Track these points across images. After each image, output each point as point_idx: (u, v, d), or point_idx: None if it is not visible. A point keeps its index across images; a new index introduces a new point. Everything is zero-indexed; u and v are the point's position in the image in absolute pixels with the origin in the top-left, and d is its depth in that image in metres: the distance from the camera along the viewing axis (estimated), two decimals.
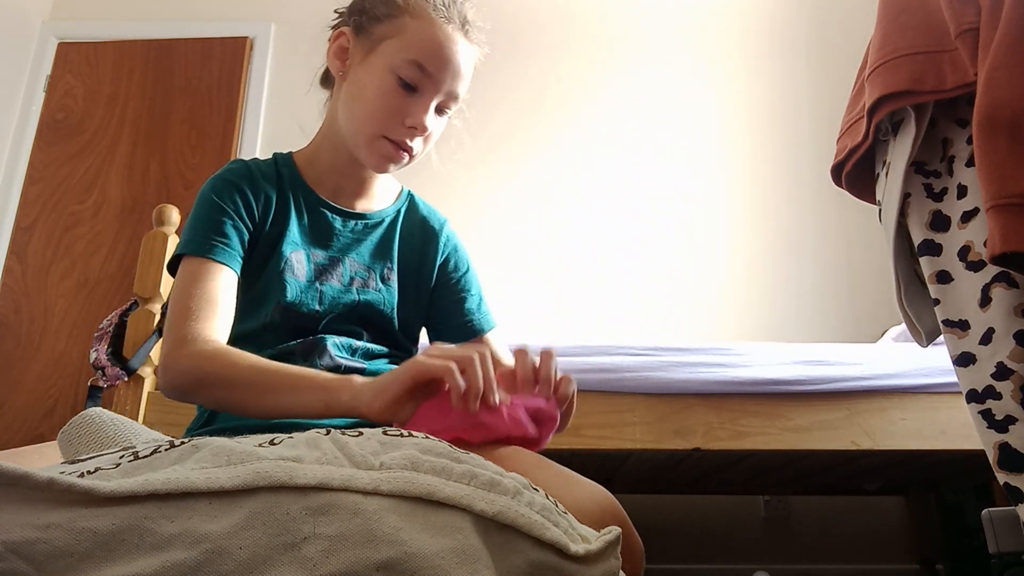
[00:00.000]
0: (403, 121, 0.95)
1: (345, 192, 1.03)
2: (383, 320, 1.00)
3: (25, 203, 2.95)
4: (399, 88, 0.94)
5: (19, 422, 2.66)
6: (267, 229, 0.97)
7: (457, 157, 1.16)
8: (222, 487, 0.37)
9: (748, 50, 3.18)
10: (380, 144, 0.96)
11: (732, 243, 2.93)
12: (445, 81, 0.95)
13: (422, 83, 0.94)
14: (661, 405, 1.68)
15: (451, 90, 0.97)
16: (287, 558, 0.35)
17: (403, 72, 0.94)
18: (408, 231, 1.08)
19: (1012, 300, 0.87)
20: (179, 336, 0.85)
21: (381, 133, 0.95)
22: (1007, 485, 0.88)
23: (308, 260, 0.97)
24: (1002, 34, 0.84)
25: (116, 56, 3.15)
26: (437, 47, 0.94)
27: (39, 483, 0.36)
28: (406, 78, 0.94)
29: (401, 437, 0.48)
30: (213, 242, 0.91)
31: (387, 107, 0.95)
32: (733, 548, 2.53)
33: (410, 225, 1.08)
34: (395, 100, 0.94)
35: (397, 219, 1.07)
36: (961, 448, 1.65)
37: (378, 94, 0.95)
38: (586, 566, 0.41)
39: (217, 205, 0.94)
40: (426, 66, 0.94)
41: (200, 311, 0.86)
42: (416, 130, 0.96)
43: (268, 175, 1.00)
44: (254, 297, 0.96)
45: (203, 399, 0.88)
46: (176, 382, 0.84)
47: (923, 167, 0.99)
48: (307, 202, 1.01)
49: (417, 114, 0.95)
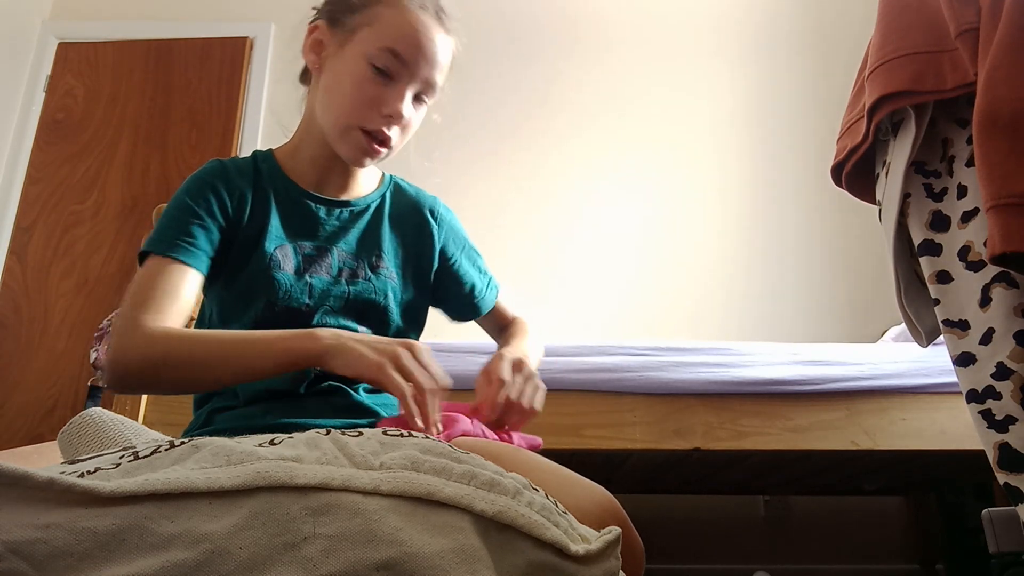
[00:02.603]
0: (379, 110, 0.93)
1: (328, 184, 1.02)
2: (377, 310, 0.99)
3: (25, 203, 2.95)
4: (375, 76, 0.93)
5: (19, 422, 2.66)
6: (245, 226, 0.97)
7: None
8: (222, 487, 0.37)
9: (749, 50, 3.18)
10: (355, 136, 0.95)
11: (732, 243, 2.93)
12: (421, 68, 0.94)
13: (397, 71, 0.93)
14: (661, 405, 1.68)
15: (428, 78, 0.95)
16: (287, 558, 0.35)
17: (378, 60, 0.92)
18: (398, 215, 1.06)
19: (1012, 300, 0.87)
20: (130, 324, 0.84)
21: (358, 124, 0.94)
22: (1007, 485, 0.88)
23: (295, 253, 0.97)
24: (1002, 34, 0.84)
25: (116, 56, 3.15)
26: (412, 34, 0.93)
27: (39, 483, 0.36)
28: (381, 66, 0.93)
29: (401, 437, 0.48)
30: (177, 242, 0.91)
31: (363, 96, 0.93)
32: (733, 548, 2.53)
33: (399, 209, 1.07)
34: (371, 89, 0.93)
35: (383, 204, 1.05)
36: (961, 448, 1.66)
37: (353, 83, 0.94)
38: (586, 566, 0.41)
39: (187, 205, 0.94)
40: (401, 53, 0.92)
41: (154, 302, 0.86)
42: (393, 118, 0.94)
43: (244, 172, 1.00)
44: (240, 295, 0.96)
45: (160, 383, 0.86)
46: (131, 368, 0.82)
47: (923, 167, 0.99)
48: (289, 195, 1.00)
49: (393, 102, 0.93)
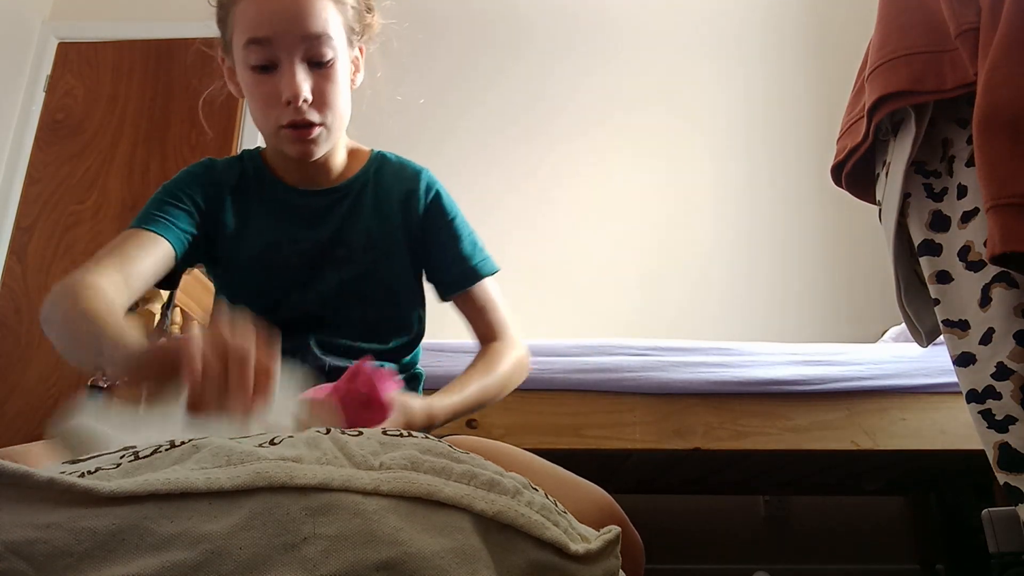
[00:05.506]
0: (279, 102, 0.89)
1: (309, 175, 1.01)
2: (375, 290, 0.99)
3: (25, 203, 2.95)
4: (258, 75, 0.90)
5: (19, 422, 2.66)
6: (228, 224, 0.98)
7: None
8: (222, 488, 0.37)
9: (749, 49, 3.18)
10: (283, 136, 0.92)
11: (732, 243, 2.92)
12: (287, 35, 0.88)
13: (270, 55, 0.88)
14: (661, 405, 1.68)
15: (304, 34, 0.88)
16: (287, 558, 0.35)
17: (251, 59, 0.89)
18: (383, 191, 1.03)
19: (1012, 300, 0.87)
20: (66, 278, 0.82)
21: (276, 125, 0.92)
22: (1007, 485, 0.88)
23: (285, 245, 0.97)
24: (1002, 34, 0.84)
25: (116, 56, 3.14)
26: (259, 15, 0.88)
27: (39, 483, 0.36)
28: (255, 62, 0.89)
29: (401, 437, 0.48)
30: (151, 215, 0.92)
31: (261, 99, 0.91)
32: (733, 548, 2.53)
33: (384, 184, 1.04)
34: (262, 88, 0.90)
35: (367, 183, 1.03)
36: (961, 448, 1.66)
37: (250, 93, 0.92)
38: (586, 565, 0.41)
39: (169, 190, 0.96)
40: (259, 36, 0.88)
41: (97, 259, 0.85)
42: (294, 102, 0.89)
43: (230, 171, 1.01)
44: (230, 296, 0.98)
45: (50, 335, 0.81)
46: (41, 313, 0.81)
47: (923, 167, 0.99)
48: (273, 191, 1.00)
49: (285, 87, 0.88)
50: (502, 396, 0.98)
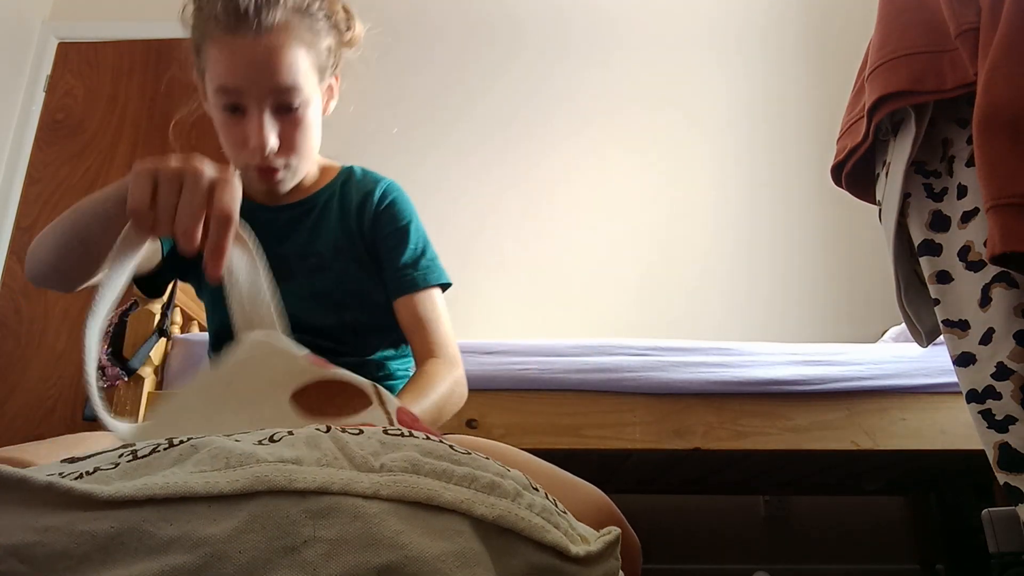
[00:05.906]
0: (247, 149, 0.91)
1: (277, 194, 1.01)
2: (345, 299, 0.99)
3: (25, 203, 2.95)
4: (229, 117, 0.91)
5: (19, 422, 2.66)
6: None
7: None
8: (221, 491, 0.37)
9: (749, 49, 3.17)
10: (250, 175, 0.94)
11: (732, 243, 2.92)
12: (255, 86, 0.88)
13: (240, 100, 0.90)
14: (661, 405, 1.68)
15: (273, 87, 0.89)
16: (287, 562, 0.35)
17: (221, 100, 0.91)
18: (347, 203, 1.04)
19: (1012, 300, 0.87)
20: None
21: (244, 164, 0.93)
22: (1007, 485, 0.88)
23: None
24: (1002, 34, 0.84)
25: (116, 56, 3.14)
26: (230, 66, 0.88)
27: (38, 486, 0.36)
28: (226, 104, 0.91)
29: (401, 437, 0.48)
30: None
31: (230, 140, 0.93)
32: (733, 548, 2.53)
33: (348, 196, 1.04)
34: (232, 131, 0.92)
35: (333, 195, 1.04)
36: (961, 448, 1.66)
37: (220, 130, 0.94)
38: (586, 567, 0.41)
39: None
40: (231, 87, 0.89)
41: None
42: (261, 152, 0.90)
43: None
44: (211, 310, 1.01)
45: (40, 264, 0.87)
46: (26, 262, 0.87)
47: (923, 167, 0.99)
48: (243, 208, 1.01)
49: (252, 135, 0.90)
50: (439, 424, 0.90)
